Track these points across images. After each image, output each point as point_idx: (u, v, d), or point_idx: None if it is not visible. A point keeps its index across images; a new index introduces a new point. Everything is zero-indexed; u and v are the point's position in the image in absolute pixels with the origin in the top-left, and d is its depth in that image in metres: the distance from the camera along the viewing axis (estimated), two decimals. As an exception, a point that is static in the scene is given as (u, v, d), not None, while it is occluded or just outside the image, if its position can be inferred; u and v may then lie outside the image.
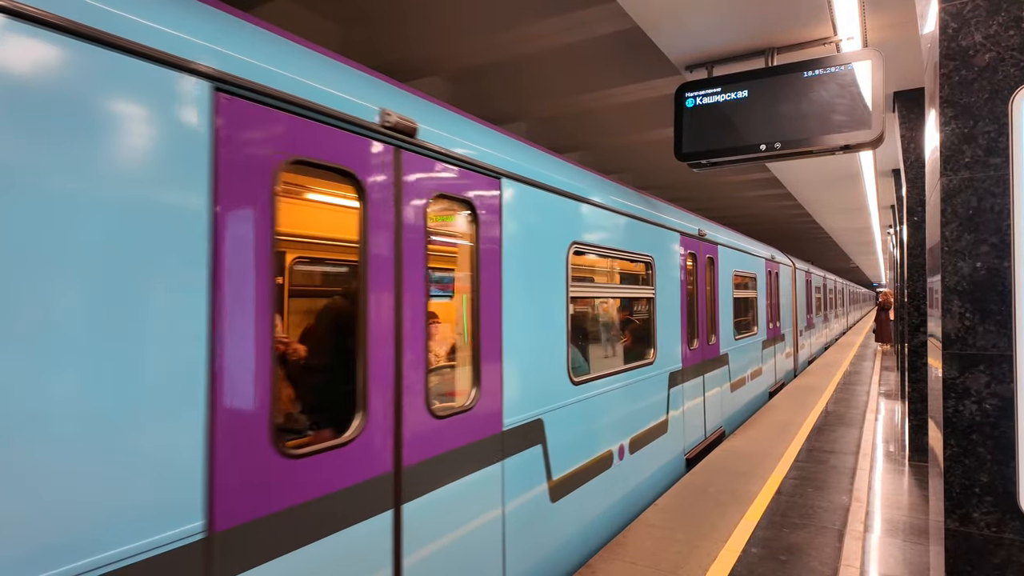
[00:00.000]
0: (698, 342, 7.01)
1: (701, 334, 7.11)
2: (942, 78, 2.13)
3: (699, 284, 7.11)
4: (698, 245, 7.09)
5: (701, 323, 7.10)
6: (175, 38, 1.94)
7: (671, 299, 6.16)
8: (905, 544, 4.56)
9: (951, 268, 2.11)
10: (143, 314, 1.80)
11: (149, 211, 1.82)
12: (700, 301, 7.07)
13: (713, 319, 7.60)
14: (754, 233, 20.57)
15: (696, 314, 6.95)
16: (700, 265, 7.11)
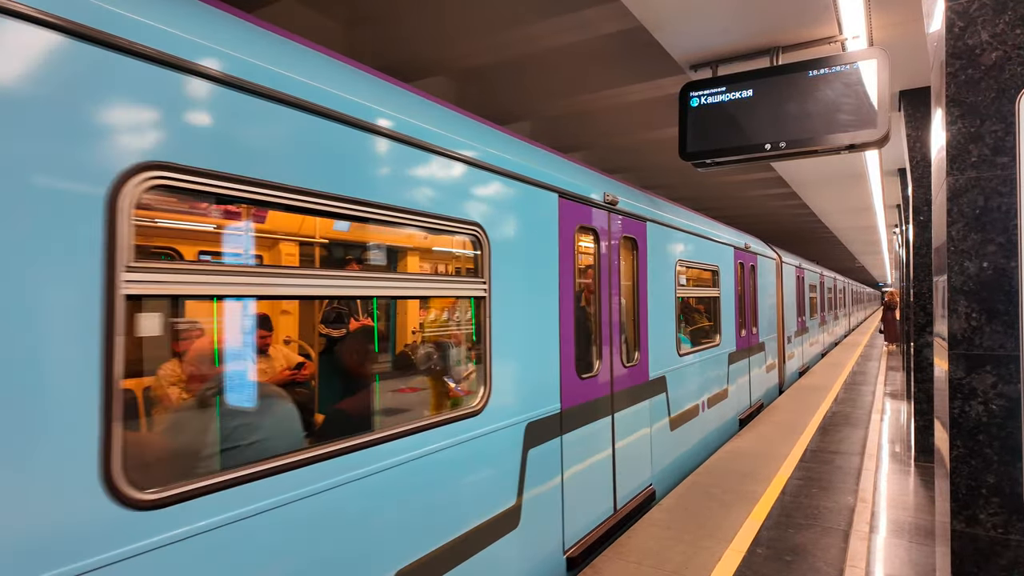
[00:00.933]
0: (600, 365, 4.67)
1: (608, 354, 4.79)
2: (948, 77, 2.12)
3: (605, 279, 4.82)
4: (604, 219, 4.79)
5: (608, 338, 4.80)
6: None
7: (532, 304, 3.81)
8: (911, 545, 4.54)
9: (957, 268, 2.10)
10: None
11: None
12: (605, 304, 4.79)
13: (636, 330, 5.39)
14: (759, 233, 20.53)
15: (597, 325, 4.72)
16: (608, 250, 4.85)
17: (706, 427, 7.27)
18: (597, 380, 4.61)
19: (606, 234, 4.85)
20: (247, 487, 2.08)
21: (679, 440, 6.33)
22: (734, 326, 8.47)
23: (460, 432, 3.13)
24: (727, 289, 8.20)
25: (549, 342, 3.98)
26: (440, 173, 3.09)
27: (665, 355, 5.96)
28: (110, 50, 1.79)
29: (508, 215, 3.60)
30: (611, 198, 4.89)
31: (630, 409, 5.15)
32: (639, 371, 5.36)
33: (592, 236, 4.68)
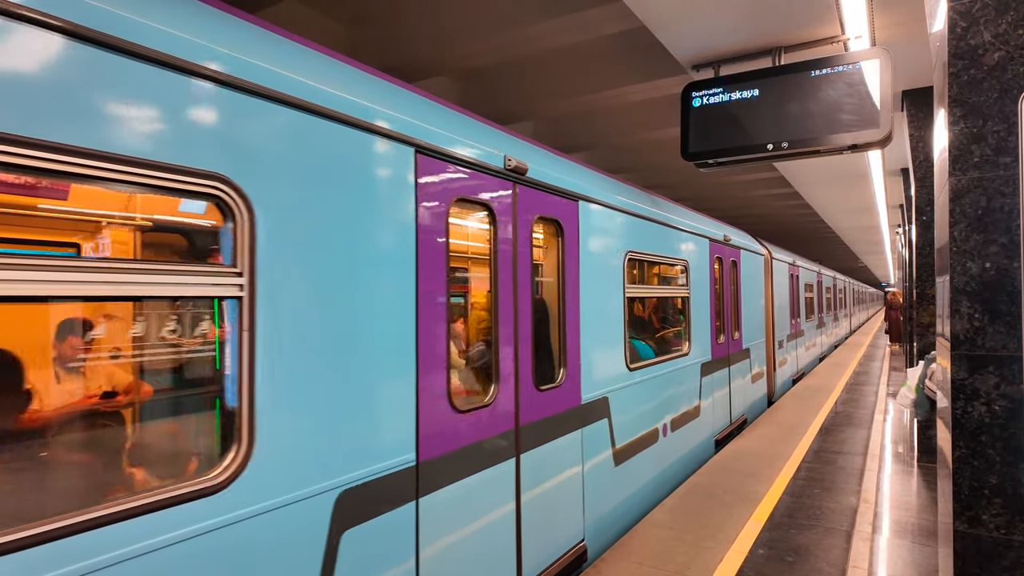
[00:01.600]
0: (497, 391, 3.48)
1: (511, 374, 3.61)
2: (951, 77, 2.12)
3: (505, 273, 3.62)
4: (503, 191, 3.59)
5: (512, 354, 3.63)
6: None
7: (359, 308, 2.63)
8: (914, 546, 4.53)
9: (960, 268, 2.10)
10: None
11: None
12: (506, 308, 3.61)
13: (562, 341, 4.18)
14: (761, 232, 20.52)
15: (494, 336, 3.53)
16: (511, 234, 3.65)
17: (668, 455, 5.94)
18: (490, 412, 3.36)
19: (507, 212, 3.58)
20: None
21: (627, 477, 5.00)
22: (709, 331, 7.22)
23: (178, 525, 1.89)
24: (699, 288, 6.95)
25: (394, 365, 2.73)
26: (139, 89, 1.86)
27: (607, 371, 4.71)
28: None
29: (302, 170, 2.34)
30: (516, 164, 3.60)
31: (548, 447, 3.90)
32: (565, 394, 4.10)
33: (486, 214, 3.47)
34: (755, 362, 9.54)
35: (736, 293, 8.57)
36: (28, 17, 1.64)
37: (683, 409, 6.39)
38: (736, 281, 8.59)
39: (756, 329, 9.64)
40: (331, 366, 2.44)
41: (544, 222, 4.13)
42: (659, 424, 5.73)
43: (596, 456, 4.54)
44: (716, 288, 7.68)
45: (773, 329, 10.85)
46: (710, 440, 7.31)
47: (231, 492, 2.05)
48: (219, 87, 2.09)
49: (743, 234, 9.63)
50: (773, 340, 10.88)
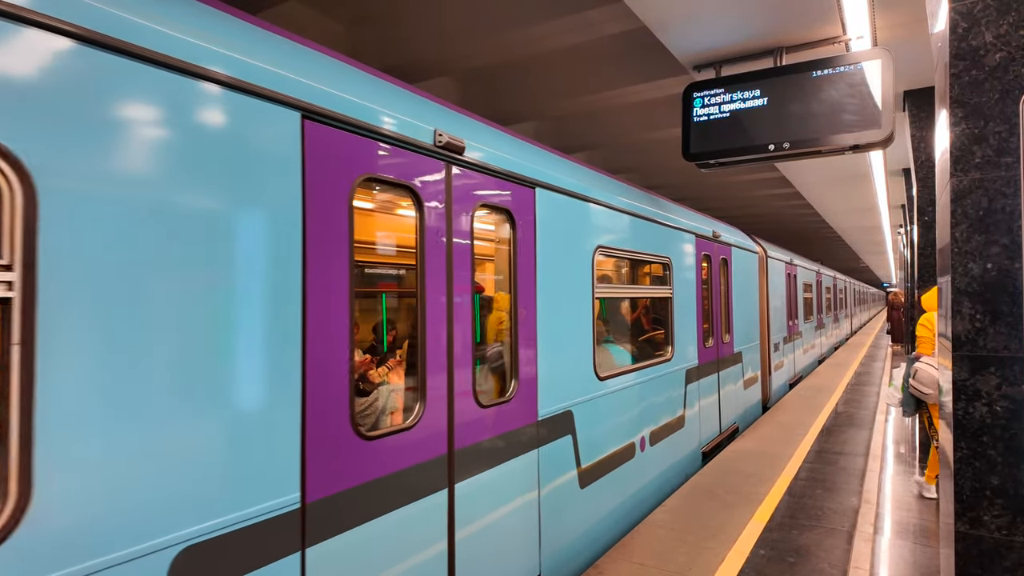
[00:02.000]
0: (423, 411, 2.95)
1: (442, 389, 3.09)
2: (952, 78, 2.12)
3: (435, 269, 3.08)
4: (434, 172, 3.07)
5: (444, 364, 3.10)
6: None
7: (209, 305, 2.07)
8: (915, 547, 4.53)
9: (961, 269, 2.10)
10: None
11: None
12: (435, 310, 3.05)
13: (513, 348, 3.66)
14: (763, 232, 20.50)
15: (420, 345, 3.00)
16: (443, 223, 3.11)
17: (647, 472, 5.41)
18: (413, 436, 2.86)
19: (438, 197, 3.03)
20: None
21: (597, 500, 4.48)
22: (696, 334, 6.72)
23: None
24: (684, 288, 6.43)
25: (269, 382, 2.19)
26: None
27: (572, 381, 4.20)
28: None
29: (118, 134, 1.81)
30: (449, 140, 3.05)
31: (493, 472, 3.36)
32: (517, 410, 3.58)
33: (410, 198, 2.92)
34: (748, 366, 9.03)
35: (727, 293, 8.08)
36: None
37: (664, 420, 5.84)
38: (727, 280, 8.08)
39: (749, 331, 9.14)
40: (166, 385, 1.89)
41: (492, 211, 3.59)
42: (636, 438, 5.18)
43: (557, 478, 3.99)
44: (704, 288, 7.20)
45: (768, 331, 10.35)
46: (696, 452, 6.76)
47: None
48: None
49: (735, 231, 9.12)
50: (768, 343, 10.38)
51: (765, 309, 10.19)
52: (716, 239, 7.55)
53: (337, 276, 2.49)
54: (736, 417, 8.34)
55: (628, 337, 6.21)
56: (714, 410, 7.38)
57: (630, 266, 6.06)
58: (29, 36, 1.63)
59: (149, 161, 1.88)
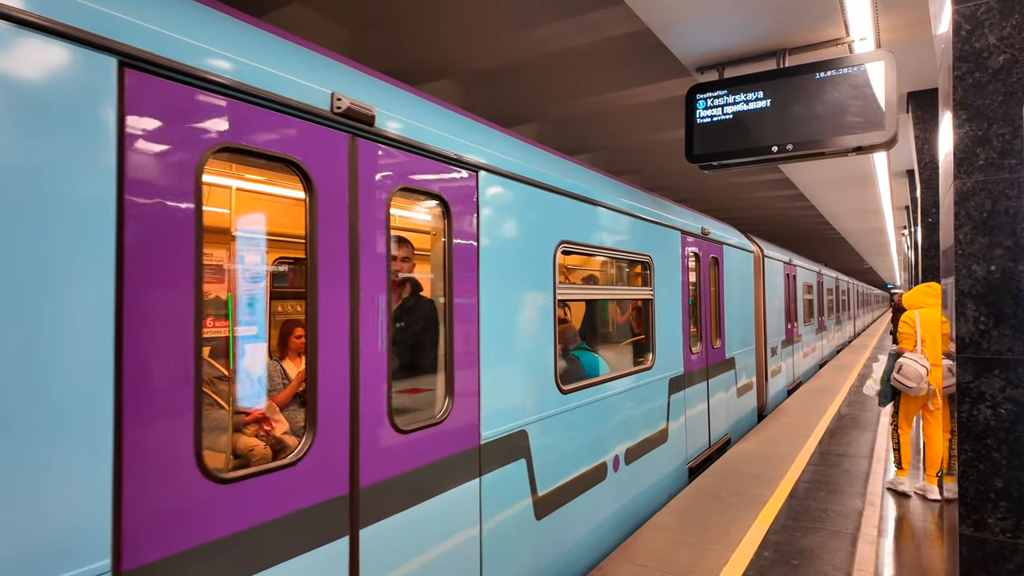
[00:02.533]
0: (311, 443, 2.35)
1: (343, 414, 2.50)
2: (956, 80, 2.12)
3: (329, 270, 2.49)
4: (333, 146, 2.51)
5: (346, 379, 2.51)
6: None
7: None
8: (919, 549, 4.51)
9: (965, 271, 2.10)
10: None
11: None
12: (329, 317, 2.47)
13: (447, 361, 3.13)
14: (767, 234, 20.48)
15: (311, 364, 2.39)
16: (349, 211, 2.54)
17: (622, 494, 4.85)
18: (298, 474, 2.27)
19: (339, 177, 2.48)
20: None
21: (557, 531, 3.90)
22: (681, 339, 6.15)
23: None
24: (668, 289, 5.87)
25: (53, 412, 1.62)
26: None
27: (526, 396, 3.66)
28: None
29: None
30: (352, 106, 2.49)
31: (416, 511, 2.79)
32: (451, 433, 3.03)
33: (297, 176, 2.35)
34: (742, 373, 8.40)
35: (718, 295, 7.43)
36: None
37: (644, 435, 5.25)
38: (718, 281, 7.46)
39: (743, 335, 8.57)
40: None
41: (418, 197, 3.11)
42: (608, 456, 4.63)
43: (505, 510, 3.41)
44: (691, 289, 6.62)
45: (765, 335, 9.78)
46: (682, 468, 6.15)
47: None
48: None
49: (728, 228, 8.55)
50: (765, 347, 9.79)
51: (761, 311, 9.70)
52: (705, 236, 7.02)
53: (174, 276, 1.91)
54: (728, 428, 7.79)
55: (604, 343, 5.70)
56: (703, 421, 6.80)
57: (604, 265, 5.70)
58: None
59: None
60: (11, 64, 1.57)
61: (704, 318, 6.90)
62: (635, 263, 5.49)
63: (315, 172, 2.37)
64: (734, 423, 8.03)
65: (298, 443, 2.34)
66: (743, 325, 8.54)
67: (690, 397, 6.38)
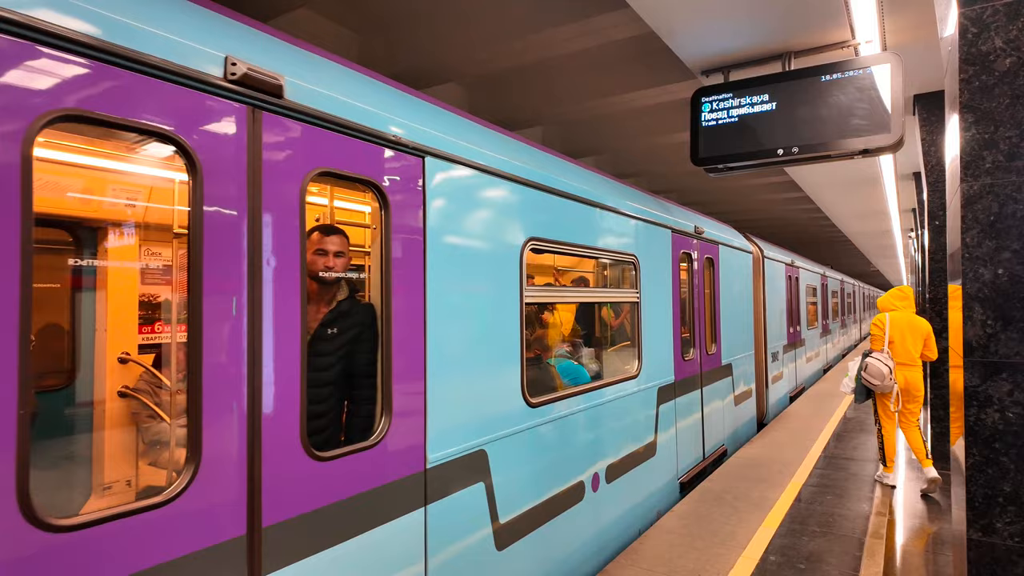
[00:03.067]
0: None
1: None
2: (962, 83, 2.11)
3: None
4: (240, 120, 2.15)
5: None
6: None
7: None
8: (927, 554, 4.48)
9: (972, 274, 2.09)
10: None
11: None
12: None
13: (388, 375, 2.71)
14: (773, 237, 20.42)
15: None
16: (251, 198, 2.17)
17: (603, 514, 4.47)
18: (172, 515, 1.89)
19: (235, 156, 2.11)
20: None
21: (522, 562, 3.53)
22: (671, 345, 5.78)
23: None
24: (656, 291, 5.49)
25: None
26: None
27: (486, 411, 3.30)
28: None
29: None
30: (252, 72, 2.13)
31: (335, 552, 2.39)
32: (388, 457, 2.65)
33: (178, 154, 2.00)
34: (740, 380, 8.03)
35: (713, 297, 7.08)
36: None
37: (628, 450, 4.88)
38: (713, 283, 7.10)
39: (741, 340, 8.21)
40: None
41: (348, 184, 2.82)
42: (586, 475, 4.26)
43: (457, 542, 3.02)
44: (683, 291, 6.29)
45: (766, 339, 9.43)
46: (672, 484, 5.78)
47: None
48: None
49: (725, 227, 8.22)
50: (766, 352, 9.43)
51: (762, 315, 9.36)
52: (699, 235, 6.66)
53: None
54: (724, 438, 7.42)
55: (590, 351, 5.39)
56: (696, 432, 6.42)
57: (597, 266, 5.42)
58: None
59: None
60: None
61: (698, 322, 6.56)
62: (619, 263, 5.15)
63: (201, 150, 2.00)
64: (731, 433, 7.67)
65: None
66: (741, 330, 8.21)
67: (682, 407, 6.03)
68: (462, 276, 3.15)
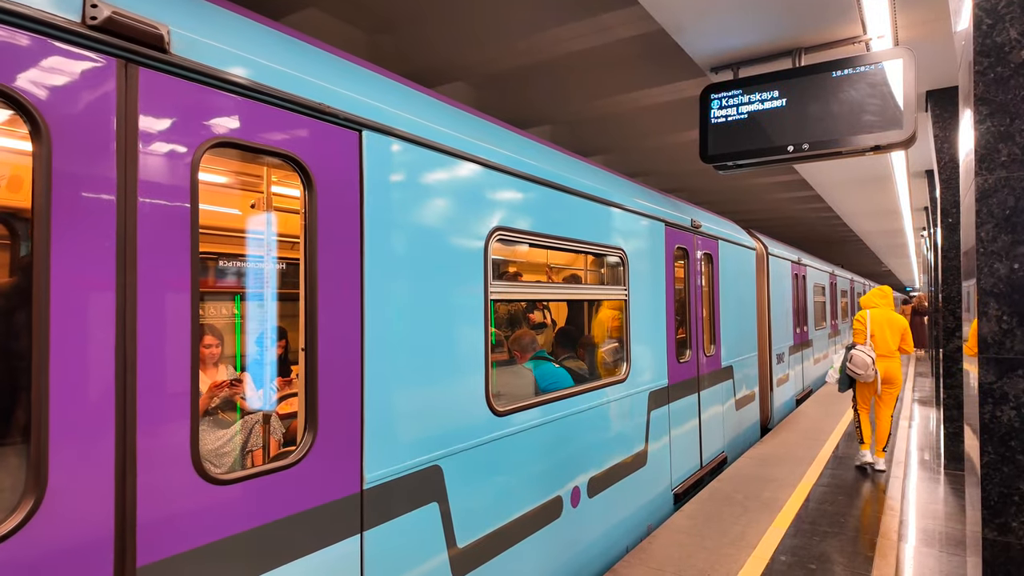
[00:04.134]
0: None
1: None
2: (976, 75, 2.08)
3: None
4: (104, 70, 1.77)
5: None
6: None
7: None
8: (941, 555, 4.43)
9: (987, 270, 2.06)
10: None
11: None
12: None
13: (312, 380, 2.33)
14: (783, 235, 20.29)
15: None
16: (123, 167, 1.80)
17: (584, 531, 4.11)
18: (13, 555, 1.52)
19: (102, 120, 1.77)
20: None
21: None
22: (665, 346, 5.41)
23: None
24: (648, 288, 5.13)
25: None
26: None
27: (444, 421, 2.94)
28: None
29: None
30: (118, 18, 1.79)
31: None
32: (305, 480, 2.27)
33: (23, 119, 1.65)
34: (741, 383, 7.64)
35: (712, 296, 6.73)
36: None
37: (614, 460, 4.49)
38: (712, 280, 6.75)
39: (743, 341, 7.80)
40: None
41: (260, 158, 2.47)
42: (564, 489, 3.87)
43: (404, 571, 2.67)
44: (678, 289, 5.93)
45: (770, 340, 9.04)
46: (665, 495, 5.37)
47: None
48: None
49: (725, 221, 7.87)
50: (770, 354, 9.04)
51: (766, 315, 8.97)
52: (696, 230, 6.26)
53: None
54: (724, 445, 7.01)
55: (572, 353, 5.01)
56: (693, 439, 5.98)
57: (593, 263, 4.98)
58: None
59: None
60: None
61: (695, 322, 6.18)
62: (604, 257, 4.77)
63: (48, 111, 1.64)
64: (731, 440, 7.28)
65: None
66: (743, 330, 7.84)
67: (677, 412, 5.61)
68: (410, 269, 2.78)
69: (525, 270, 6.31)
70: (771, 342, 9.13)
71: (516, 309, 6.07)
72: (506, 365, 4.51)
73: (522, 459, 3.49)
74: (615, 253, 4.66)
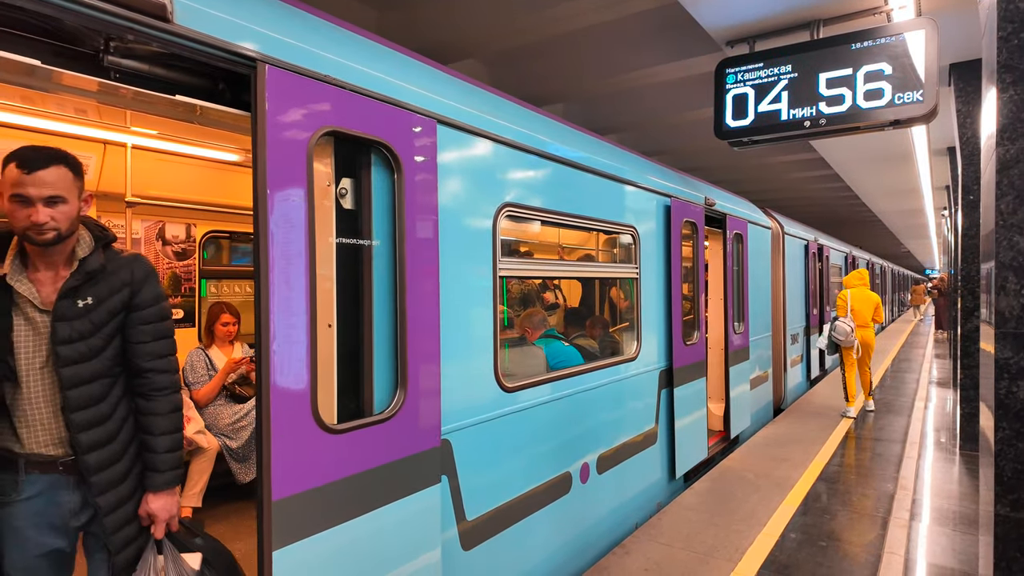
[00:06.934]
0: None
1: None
2: (1000, 42, 2.02)
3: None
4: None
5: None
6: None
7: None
8: (954, 533, 4.41)
9: (1007, 243, 2.02)
10: None
11: None
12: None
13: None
14: (800, 215, 20.01)
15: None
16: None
17: (592, 508, 4.13)
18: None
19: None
20: None
21: (496, 562, 3.20)
22: (673, 327, 5.24)
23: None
24: (659, 267, 5.06)
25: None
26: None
27: (451, 397, 2.88)
28: None
29: None
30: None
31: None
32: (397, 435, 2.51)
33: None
34: (756, 363, 7.56)
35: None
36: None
37: (623, 438, 4.50)
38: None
39: (758, 321, 7.76)
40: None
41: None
42: (574, 466, 3.90)
43: (414, 547, 2.59)
44: (690, 268, 5.89)
45: (785, 320, 8.95)
46: (672, 476, 5.36)
47: None
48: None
49: (740, 200, 7.79)
50: (785, 334, 8.95)
51: (781, 295, 8.90)
52: (710, 207, 6.11)
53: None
54: (737, 425, 6.94)
55: (583, 330, 4.95)
56: (701, 419, 5.87)
57: (607, 243, 4.99)
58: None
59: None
60: None
61: (701, 302, 6.08)
62: (616, 235, 4.73)
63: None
64: (742, 420, 7.19)
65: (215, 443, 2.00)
66: (758, 310, 7.82)
67: (687, 393, 5.49)
68: (458, 245, 2.88)
69: (537, 250, 6.28)
70: (786, 322, 9.06)
71: (529, 288, 6.07)
72: (514, 343, 4.58)
73: (531, 435, 3.51)
74: (627, 231, 4.61)
